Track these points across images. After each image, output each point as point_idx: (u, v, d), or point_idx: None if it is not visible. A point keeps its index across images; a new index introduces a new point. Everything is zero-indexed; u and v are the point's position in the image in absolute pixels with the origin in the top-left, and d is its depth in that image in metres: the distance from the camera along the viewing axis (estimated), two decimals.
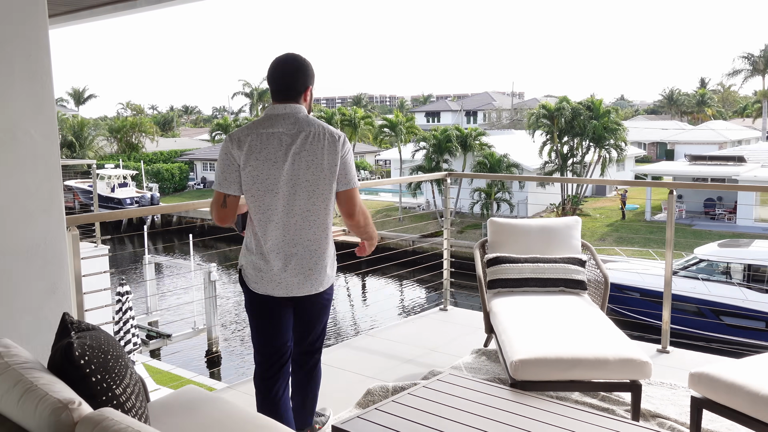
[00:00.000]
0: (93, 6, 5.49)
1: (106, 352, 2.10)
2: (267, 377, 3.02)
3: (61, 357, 1.99)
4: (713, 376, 2.96)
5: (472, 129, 35.85)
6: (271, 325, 2.97)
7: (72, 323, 2.24)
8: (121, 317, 12.37)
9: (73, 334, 2.14)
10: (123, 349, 2.27)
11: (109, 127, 57.44)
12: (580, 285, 4.25)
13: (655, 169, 38.66)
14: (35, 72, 2.92)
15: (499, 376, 4.03)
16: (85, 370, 1.99)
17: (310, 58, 3.06)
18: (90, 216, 3.42)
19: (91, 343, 2.07)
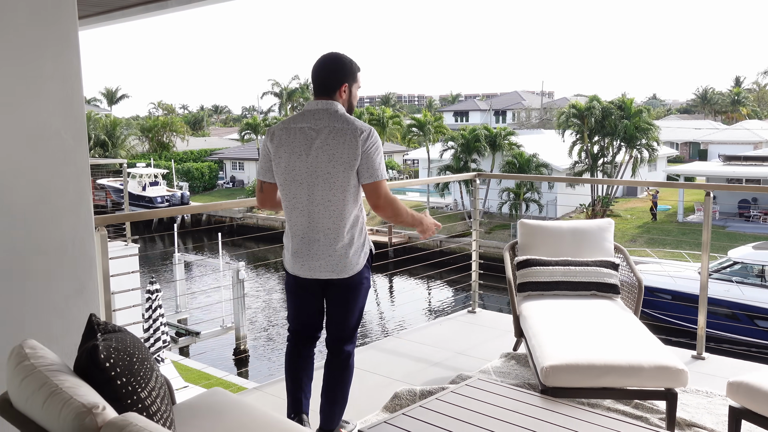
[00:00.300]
0: (123, 7, 5.53)
1: (132, 355, 2.08)
2: (292, 349, 3.28)
3: (87, 359, 1.98)
4: (753, 386, 2.85)
5: (500, 128, 35.59)
6: (299, 302, 3.22)
7: (98, 324, 2.23)
8: (151, 315, 12.49)
9: (99, 335, 2.13)
10: (149, 352, 2.25)
11: (141, 126, 58.22)
12: (613, 289, 4.16)
13: (688, 170, 38.03)
14: (65, 73, 2.93)
15: (529, 381, 3.96)
16: (110, 373, 1.97)
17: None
18: (118, 216, 3.43)
19: (117, 346, 2.06)
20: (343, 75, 3.04)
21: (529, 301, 4.14)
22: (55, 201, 2.92)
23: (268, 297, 27.28)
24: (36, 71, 2.83)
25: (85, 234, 3.03)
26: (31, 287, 2.86)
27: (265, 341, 21.64)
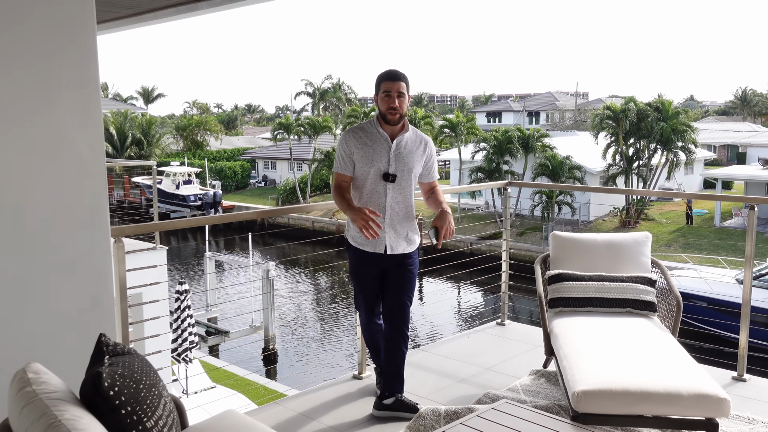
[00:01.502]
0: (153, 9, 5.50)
1: (139, 381, 1.99)
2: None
3: (91, 388, 1.89)
4: None
5: (534, 130, 35.15)
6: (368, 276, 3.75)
7: (107, 346, 2.14)
8: (179, 315, 12.52)
9: (107, 359, 2.04)
10: (157, 376, 2.15)
11: (176, 125, 58.87)
12: (649, 306, 3.97)
13: (726, 173, 37.19)
14: (83, 80, 2.85)
15: (560, 402, 3.79)
16: (115, 402, 1.87)
17: (371, 57, 3.12)
18: (135, 227, 3.34)
19: (123, 372, 1.96)
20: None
21: (560, 317, 3.98)
22: (71, 212, 2.85)
23: (297, 297, 27.31)
24: (52, 79, 2.76)
25: (101, 245, 2.95)
26: (44, 300, 2.80)
27: (295, 342, 21.65)
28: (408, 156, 3.62)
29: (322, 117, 50.49)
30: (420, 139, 3.71)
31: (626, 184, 33.66)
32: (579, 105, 68.01)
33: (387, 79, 3.54)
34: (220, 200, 41.84)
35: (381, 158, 3.57)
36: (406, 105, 3.58)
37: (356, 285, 3.82)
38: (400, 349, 3.74)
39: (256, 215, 4.28)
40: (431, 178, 3.80)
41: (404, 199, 3.64)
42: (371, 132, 3.61)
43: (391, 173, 3.58)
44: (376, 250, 3.65)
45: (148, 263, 6.43)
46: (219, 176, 50.01)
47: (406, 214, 3.68)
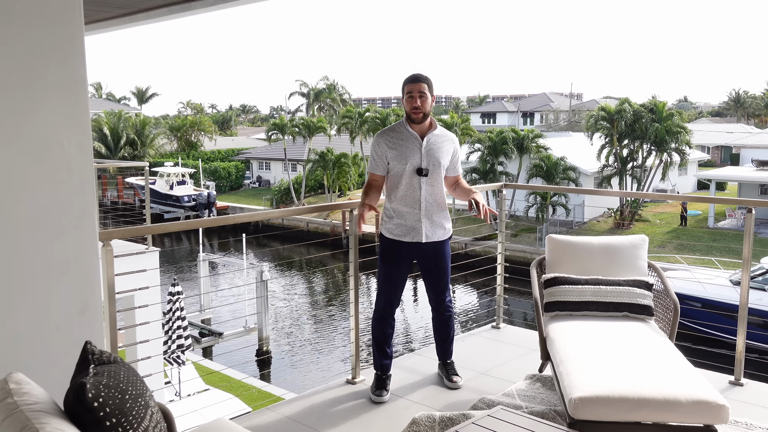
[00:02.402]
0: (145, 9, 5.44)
1: (124, 391, 1.93)
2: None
3: (74, 399, 1.82)
4: None
5: (528, 131, 35.15)
6: (400, 266, 4.06)
7: (93, 354, 2.08)
8: (171, 317, 12.44)
9: (92, 368, 1.98)
10: (144, 386, 2.09)
11: (170, 125, 58.67)
12: (646, 311, 3.92)
13: (720, 175, 37.28)
14: (70, 80, 2.79)
15: (555, 407, 3.74)
16: (99, 413, 1.81)
17: (366, 57, 3.10)
18: (124, 231, 3.27)
19: (108, 382, 1.90)
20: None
21: (556, 321, 3.93)
22: (58, 215, 2.78)
23: (291, 298, 27.23)
24: (38, 79, 2.70)
25: (89, 249, 2.89)
26: (30, 306, 2.73)
27: (289, 343, 21.56)
28: (438, 151, 3.96)
29: (317, 117, 50.42)
30: (447, 135, 4.06)
31: (620, 185, 33.70)
32: (573, 106, 68.07)
33: (410, 82, 3.90)
34: (214, 201, 41.69)
35: (414, 155, 3.91)
36: (429, 104, 3.92)
37: (384, 275, 4.09)
38: (448, 324, 4.28)
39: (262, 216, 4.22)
40: (456, 172, 4.14)
41: (436, 190, 3.99)
42: (402, 132, 3.96)
43: (424, 168, 3.91)
44: (414, 239, 3.98)
45: (140, 266, 6.35)
46: (213, 177, 49.86)
47: (439, 205, 4.02)
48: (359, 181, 42.23)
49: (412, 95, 3.87)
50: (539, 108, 70.38)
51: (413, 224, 3.95)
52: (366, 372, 4.46)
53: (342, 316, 24.47)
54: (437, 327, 4.30)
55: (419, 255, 4.04)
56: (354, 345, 4.36)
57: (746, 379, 4.32)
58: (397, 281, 4.08)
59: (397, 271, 4.06)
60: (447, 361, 4.34)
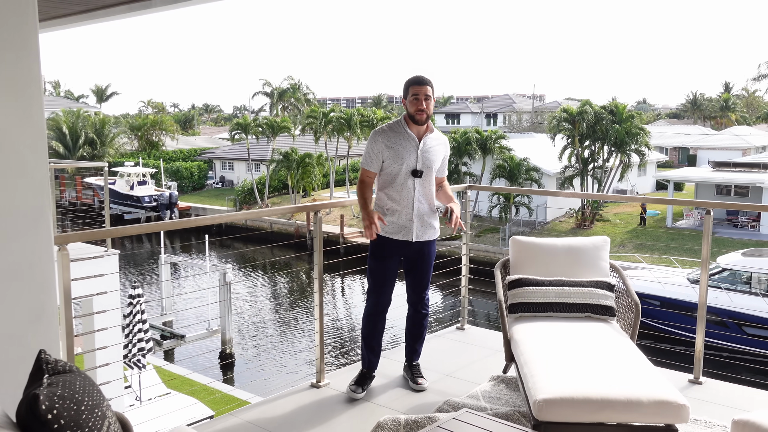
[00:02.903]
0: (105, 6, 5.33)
1: (80, 402, 1.86)
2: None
3: (27, 411, 1.75)
4: (760, 426, 2.66)
5: (492, 132, 35.44)
6: (390, 262, 4.11)
7: (47, 363, 2.01)
8: (132, 320, 12.21)
9: (46, 378, 1.91)
10: (101, 396, 2.02)
11: (130, 124, 57.70)
12: (608, 311, 3.96)
13: (677, 175, 38.08)
14: (23, 79, 2.70)
15: (520, 409, 3.75)
16: (53, 426, 1.74)
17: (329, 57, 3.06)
18: (81, 234, 3.18)
19: (63, 393, 1.83)
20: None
21: (520, 323, 3.94)
22: (10, 218, 2.69)
23: (256, 301, 27.01)
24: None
25: (44, 253, 2.80)
26: None
27: (253, 346, 21.36)
28: (432, 154, 4.05)
29: (281, 117, 50.07)
30: (441, 139, 4.17)
31: (582, 186, 34.20)
32: (536, 107, 68.89)
33: (415, 84, 3.95)
34: (176, 201, 41.11)
35: (410, 156, 3.98)
36: (432, 107, 4.00)
37: (374, 272, 4.14)
38: (422, 324, 4.32)
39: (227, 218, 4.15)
40: (442, 173, 4.25)
41: (428, 192, 4.09)
42: (399, 132, 4.02)
43: (419, 169, 4.00)
44: (405, 238, 4.05)
45: (98, 269, 6.19)
46: (175, 177, 49.17)
47: (430, 206, 4.12)
48: (324, 182, 42.08)
49: (417, 97, 3.93)
50: (502, 109, 71.05)
51: (405, 223, 4.02)
52: (330, 375, 4.43)
53: (307, 317, 24.34)
54: (411, 326, 4.33)
55: (407, 252, 4.12)
56: (318, 348, 4.32)
57: (705, 378, 4.39)
58: (387, 278, 4.14)
59: (386, 267, 4.11)
60: (413, 362, 4.36)
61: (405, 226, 4.03)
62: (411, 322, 4.32)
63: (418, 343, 4.35)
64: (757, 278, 19.37)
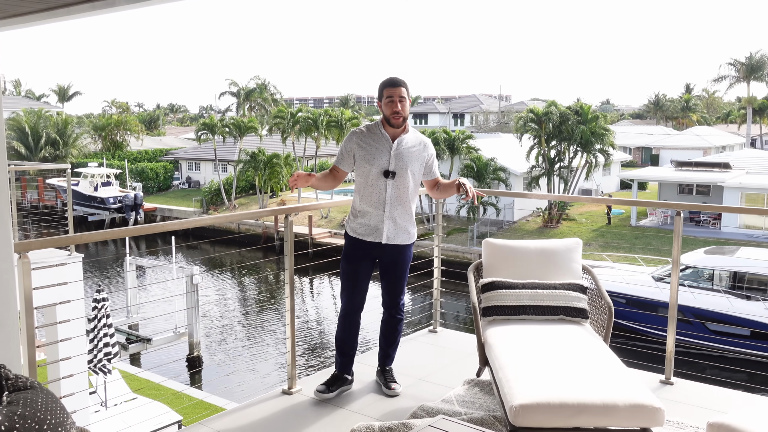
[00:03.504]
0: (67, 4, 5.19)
1: (42, 421, 1.77)
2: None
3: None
4: (735, 429, 2.67)
5: (459, 132, 35.60)
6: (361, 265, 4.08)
7: (7, 379, 1.91)
8: (96, 325, 11.95)
9: (5, 396, 1.81)
10: (65, 413, 1.93)
11: (94, 125, 56.66)
12: (581, 314, 3.96)
13: (641, 175, 38.68)
14: None
15: (494, 413, 3.73)
16: None
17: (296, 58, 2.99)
18: (42, 241, 3.06)
19: (24, 412, 1.74)
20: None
21: (494, 326, 3.92)
22: None
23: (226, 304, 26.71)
24: None
25: (3, 262, 2.69)
26: None
27: (221, 349, 21.11)
28: (407, 155, 3.97)
29: (248, 117, 49.66)
30: (420, 140, 4.07)
31: (548, 185, 34.54)
32: (502, 107, 69.43)
33: (389, 86, 3.92)
34: (141, 203, 40.51)
35: (382, 157, 3.93)
36: (408, 108, 3.94)
37: (345, 273, 4.10)
38: (396, 329, 4.25)
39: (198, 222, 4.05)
40: (433, 175, 4.15)
41: (402, 194, 3.99)
42: (375, 133, 3.99)
43: (391, 170, 3.93)
44: (375, 239, 3.99)
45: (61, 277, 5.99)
46: (140, 178, 48.45)
47: (404, 208, 4.02)
48: None
49: (392, 99, 3.89)
50: (469, 109, 71.48)
51: (376, 224, 3.97)
52: (302, 381, 4.36)
53: (275, 318, 24.15)
54: (385, 330, 4.27)
55: (380, 255, 4.06)
56: (290, 354, 4.25)
57: (676, 378, 4.42)
58: (358, 279, 4.08)
59: (357, 269, 4.06)
60: (387, 367, 4.31)
61: (376, 227, 3.98)
62: (385, 327, 4.27)
63: (391, 348, 4.30)
64: (719, 276, 19.75)
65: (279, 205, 40.56)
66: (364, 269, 4.08)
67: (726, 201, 31.73)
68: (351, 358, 4.22)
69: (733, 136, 62.03)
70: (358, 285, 4.10)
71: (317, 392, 4.07)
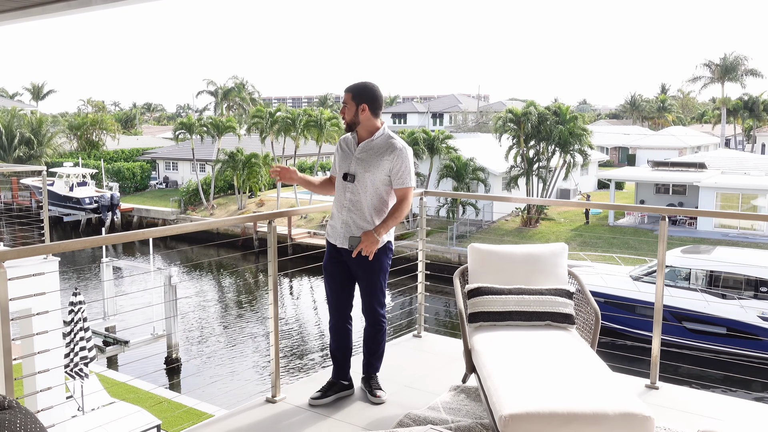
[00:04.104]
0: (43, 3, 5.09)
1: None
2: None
3: None
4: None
5: (439, 132, 35.63)
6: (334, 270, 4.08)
7: None
8: (73, 328, 11.75)
9: None
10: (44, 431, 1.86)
11: (69, 123, 55.88)
12: (568, 319, 3.94)
13: (619, 175, 39.04)
14: None
15: (482, 420, 3.70)
16: None
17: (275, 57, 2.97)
18: (19, 251, 2.97)
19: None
20: (358, 99, 3.91)
21: (481, 332, 3.89)
22: None
23: (207, 305, 26.47)
24: None
25: None
26: None
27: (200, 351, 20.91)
28: (368, 159, 3.89)
29: (226, 117, 49.28)
30: (387, 145, 3.91)
31: (527, 185, 34.71)
32: (481, 107, 69.69)
33: (345, 92, 3.96)
34: (117, 203, 40.01)
35: (347, 160, 3.96)
36: (354, 113, 3.87)
37: (325, 281, 4.10)
38: (375, 339, 4.14)
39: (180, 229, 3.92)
40: (397, 185, 3.93)
41: (362, 198, 3.89)
42: (350, 138, 4.03)
43: (350, 173, 3.91)
44: (339, 244, 3.97)
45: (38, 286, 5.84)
46: (116, 177, 47.88)
47: (362, 214, 3.90)
48: (270, 182, 41.58)
49: (344, 103, 3.96)
50: (448, 109, 71.63)
51: (338, 228, 3.96)
52: (287, 389, 4.30)
53: (256, 321, 23.98)
54: (366, 339, 4.21)
55: (348, 260, 3.99)
56: (274, 362, 4.18)
57: (661, 382, 4.42)
58: (333, 282, 4.04)
59: (331, 272, 4.05)
60: (371, 375, 4.25)
61: (339, 231, 3.98)
62: (366, 335, 4.20)
63: (374, 357, 4.22)
64: (695, 275, 19.98)
65: (258, 205, 40.37)
66: (337, 272, 4.03)
67: (702, 200, 32.13)
68: (345, 365, 4.17)
69: (708, 136, 62.87)
70: (335, 288, 4.05)
71: (312, 399, 4.03)
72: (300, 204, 38.28)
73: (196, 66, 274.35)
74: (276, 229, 4.19)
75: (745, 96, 61.54)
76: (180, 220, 40.83)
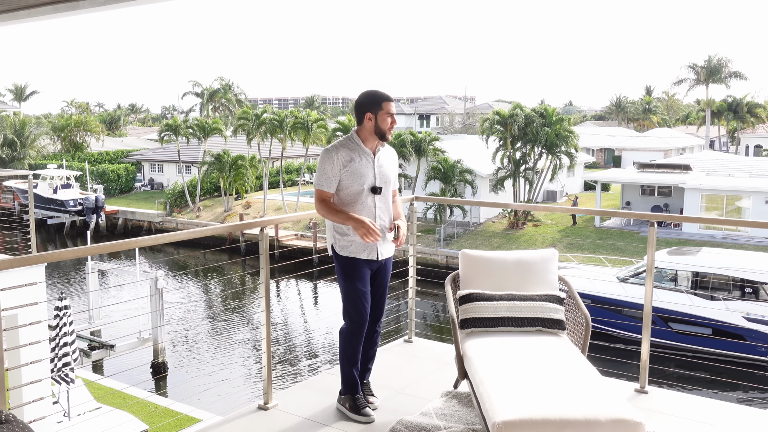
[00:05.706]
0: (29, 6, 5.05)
1: None
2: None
3: None
4: None
5: (426, 134, 35.67)
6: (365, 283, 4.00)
7: None
8: (58, 333, 11.66)
9: None
10: None
11: (53, 125, 55.44)
12: (559, 325, 3.96)
13: (605, 177, 39.29)
14: None
15: (474, 426, 3.71)
16: None
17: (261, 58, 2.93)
18: (12, 261, 2.94)
19: None
20: (361, 108, 3.89)
21: (473, 338, 3.90)
22: None
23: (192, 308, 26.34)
24: None
25: None
26: None
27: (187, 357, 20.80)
28: (387, 168, 3.96)
29: (212, 118, 49.09)
30: (392, 151, 4.05)
31: (514, 187, 34.84)
32: (467, 109, 69.86)
33: (388, 100, 3.89)
34: (102, 205, 39.72)
35: (368, 173, 3.86)
36: (372, 125, 3.89)
37: (352, 294, 3.93)
38: (376, 342, 4.21)
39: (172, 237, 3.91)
40: (394, 186, 4.08)
41: (388, 207, 3.98)
42: (355, 149, 3.88)
43: (378, 186, 3.89)
44: (370, 256, 3.93)
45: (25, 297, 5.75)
46: (101, 179, 47.55)
47: (390, 221, 3.99)
48: (257, 183, 41.46)
49: (391, 115, 3.88)
50: (435, 110, 71.73)
51: (369, 242, 3.84)
52: (279, 395, 4.29)
53: (242, 323, 23.90)
54: (365, 345, 4.15)
55: (374, 270, 4.01)
56: (266, 368, 4.17)
57: (650, 387, 4.46)
58: (364, 295, 3.96)
59: (361, 286, 3.95)
60: (364, 380, 4.24)
61: (369, 245, 3.90)
62: (367, 342, 4.14)
63: (371, 361, 4.23)
64: (681, 276, 20.13)
65: (245, 207, 40.23)
66: (366, 285, 3.98)
67: (687, 202, 32.38)
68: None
69: (693, 138, 63.44)
70: (365, 300, 3.97)
71: (365, 416, 3.93)
72: (286, 206, 38.20)
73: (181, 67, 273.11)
74: (267, 236, 4.18)
75: (730, 98, 62.15)
76: (166, 223, 40.62)
